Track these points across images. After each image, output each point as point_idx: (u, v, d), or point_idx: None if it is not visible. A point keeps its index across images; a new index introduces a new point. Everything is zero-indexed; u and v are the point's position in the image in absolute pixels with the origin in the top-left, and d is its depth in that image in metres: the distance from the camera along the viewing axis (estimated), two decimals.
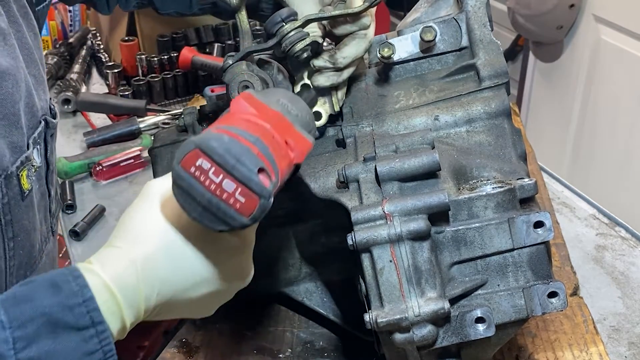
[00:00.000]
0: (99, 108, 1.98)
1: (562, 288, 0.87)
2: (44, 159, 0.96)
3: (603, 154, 2.72)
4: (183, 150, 0.67)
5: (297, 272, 1.14)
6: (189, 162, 0.67)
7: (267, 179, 0.68)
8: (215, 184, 0.66)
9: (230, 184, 0.66)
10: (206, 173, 0.66)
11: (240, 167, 0.66)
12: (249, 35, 0.96)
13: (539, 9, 2.76)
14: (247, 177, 0.66)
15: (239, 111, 0.74)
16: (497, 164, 0.95)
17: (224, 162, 0.66)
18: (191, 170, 0.67)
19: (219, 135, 0.68)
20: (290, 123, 0.76)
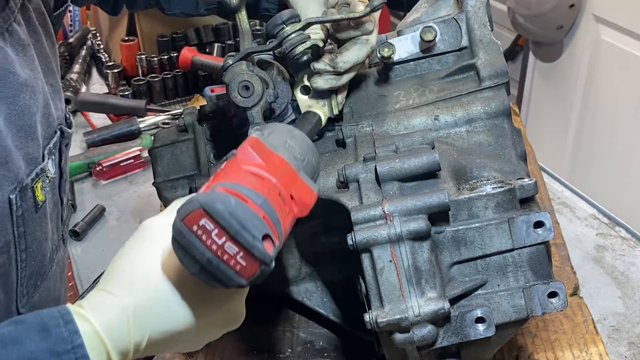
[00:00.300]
0: (99, 108, 1.99)
1: (562, 288, 0.87)
2: (58, 168, 0.96)
3: (603, 154, 2.72)
4: (187, 207, 0.66)
5: (297, 272, 1.14)
6: (191, 221, 0.66)
7: (270, 245, 0.67)
8: (217, 245, 0.65)
9: (232, 247, 0.65)
10: (209, 233, 0.65)
11: (245, 234, 0.65)
12: (249, 36, 0.96)
13: (539, 9, 2.76)
14: (250, 244, 0.65)
15: (245, 161, 0.72)
16: (497, 164, 0.95)
17: (229, 226, 0.65)
18: (193, 228, 0.66)
19: (225, 197, 0.66)
20: (296, 173, 0.75)
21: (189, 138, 1.12)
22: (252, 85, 0.92)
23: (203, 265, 0.66)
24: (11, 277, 0.88)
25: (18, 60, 0.86)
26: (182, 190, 1.11)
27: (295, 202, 0.73)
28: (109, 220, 1.55)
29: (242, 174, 0.71)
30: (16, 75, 0.85)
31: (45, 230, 0.93)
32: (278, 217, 0.69)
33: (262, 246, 0.66)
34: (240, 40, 0.97)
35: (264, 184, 0.70)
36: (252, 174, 0.71)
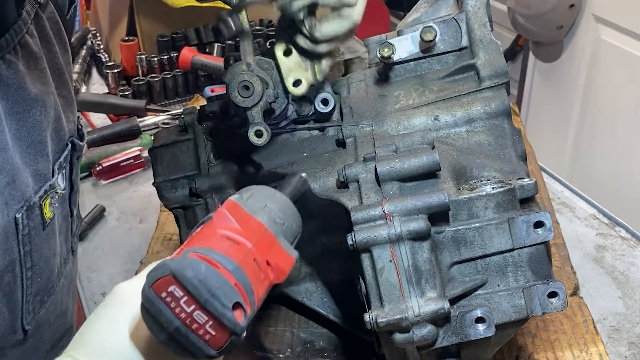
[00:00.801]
0: (99, 108, 1.99)
1: (562, 288, 0.87)
2: (68, 181, 0.94)
3: (603, 154, 2.72)
4: (156, 273, 0.65)
5: (297, 272, 1.14)
6: (160, 287, 0.64)
7: (241, 314, 0.65)
8: (186, 312, 0.63)
9: (201, 316, 0.64)
10: (178, 301, 0.64)
11: (214, 302, 0.63)
12: (249, 35, 0.96)
13: (539, 9, 2.76)
14: (220, 312, 0.63)
15: (221, 225, 0.71)
16: (497, 164, 0.95)
17: (198, 294, 0.63)
18: (162, 295, 0.64)
19: (195, 263, 0.65)
20: (274, 238, 0.73)
21: (189, 138, 1.12)
22: (252, 85, 0.92)
23: (171, 333, 0.64)
24: (16, 295, 0.87)
25: (29, 75, 0.84)
26: (182, 190, 1.11)
27: (271, 268, 0.72)
28: (109, 220, 1.55)
29: (217, 238, 0.69)
30: (26, 90, 0.83)
31: (53, 246, 0.91)
32: (251, 285, 0.67)
33: (232, 315, 0.64)
34: (240, 39, 0.97)
35: (238, 249, 0.68)
36: (227, 238, 0.69)
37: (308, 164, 0.99)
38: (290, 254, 0.75)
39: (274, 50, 0.96)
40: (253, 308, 0.68)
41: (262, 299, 0.71)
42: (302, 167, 0.99)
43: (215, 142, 1.10)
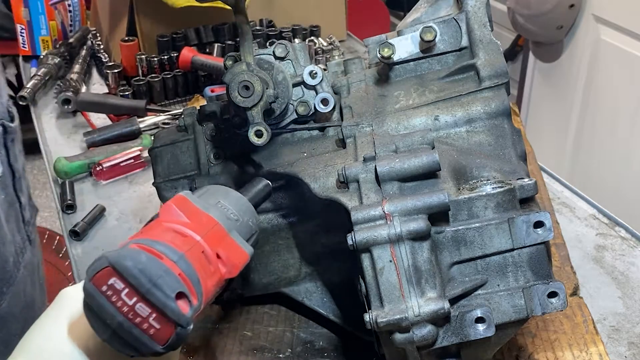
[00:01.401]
0: (99, 108, 1.99)
1: (562, 288, 0.87)
2: (7, 166, 0.92)
3: (603, 154, 2.73)
4: (95, 266, 0.62)
5: (297, 272, 1.14)
6: (100, 280, 0.61)
7: (186, 305, 0.62)
8: (128, 306, 0.61)
9: (144, 308, 0.61)
10: (119, 293, 0.61)
11: (156, 292, 0.61)
12: (249, 35, 0.96)
13: (539, 9, 2.76)
14: (162, 302, 0.61)
15: (168, 219, 0.69)
16: (497, 164, 0.95)
17: (138, 284, 0.61)
18: (103, 289, 0.61)
19: (135, 253, 0.62)
20: (226, 232, 0.71)
21: (189, 138, 1.12)
22: (252, 85, 0.92)
23: (114, 329, 0.61)
24: None
25: None
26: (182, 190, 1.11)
27: (222, 261, 0.69)
28: (109, 220, 1.55)
29: (161, 230, 0.67)
30: None
31: (1, 233, 0.90)
32: (198, 276, 0.64)
33: (176, 305, 0.61)
34: (240, 40, 0.97)
35: (185, 241, 0.66)
36: (173, 230, 0.67)
37: (308, 164, 0.99)
38: (244, 249, 0.72)
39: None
40: (200, 299, 0.65)
41: (212, 292, 0.68)
42: (302, 167, 0.99)
43: (215, 142, 1.10)
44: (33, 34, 2.34)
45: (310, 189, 0.96)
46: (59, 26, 2.38)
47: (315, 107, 1.02)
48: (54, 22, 2.35)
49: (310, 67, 1.01)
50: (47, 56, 2.17)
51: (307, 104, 1.02)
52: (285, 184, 1.08)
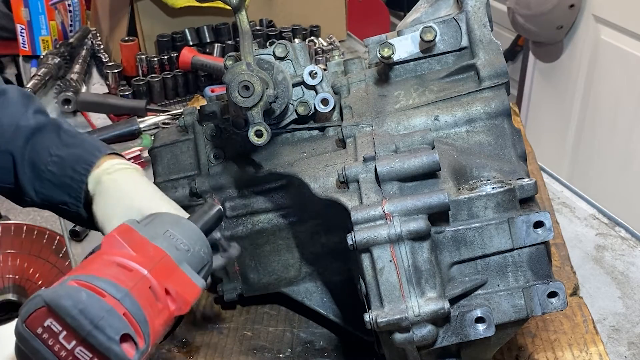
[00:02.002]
0: (99, 108, 1.99)
1: (561, 288, 0.87)
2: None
3: (603, 154, 2.72)
4: (29, 306, 0.57)
5: (297, 272, 1.14)
6: (35, 322, 0.56)
7: (132, 348, 0.58)
8: (66, 350, 0.56)
9: (84, 353, 0.56)
10: (56, 336, 0.56)
11: (98, 334, 0.56)
12: (249, 35, 0.96)
13: (539, 9, 2.76)
14: (105, 346, 0.56)
15: (111, 251, 0.63)
16: (497, 164, 0.95)
17: (79, 326, 0.56)
18: (37, 331, 0.56)
19: (74, 291, 0.57)
20: (176, 265, 0.65)
21: (189, 138, 1.12)
22: (252, 86, 0.92)
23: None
24: None
25: None
26: (183, 190, 1.11)
27: (171, 297, 0.64)
28: None
29: (103, 264, 0.62)
30: None
31: None
32: (144, 315, 0.59)
33: (121, 349, 0.56)
34: (240, 40, 0.97)
35: (130, 277, 0.61)
36: (116, 264, 0.62)
37: (308, 164, 0.99)
38: (196, 282, 0.67)
39: None
40: (147, 341, 0.59)
41: (160, 332, 0.63)
42: (302, 167, 0.99)
43: (215, 142, 1.10)
44: (33, 34, 2.34)
45: (310, 189, 0.96)
46: (59, 26, 2.38)
47: (315, 107, 1.02)
48: (54, 22, 2.35)
49: (310, 67, 1.01)
50: (47, 56, 2.17)
51: (307, 104, 1.02)
52: (285, 184, 1.08)
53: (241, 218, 1.11)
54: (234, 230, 1.11)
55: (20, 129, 0.97)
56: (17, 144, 0.96)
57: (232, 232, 1.11)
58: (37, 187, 0.96)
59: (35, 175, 0.95)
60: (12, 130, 0.96)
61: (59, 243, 2.32)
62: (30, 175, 0.95)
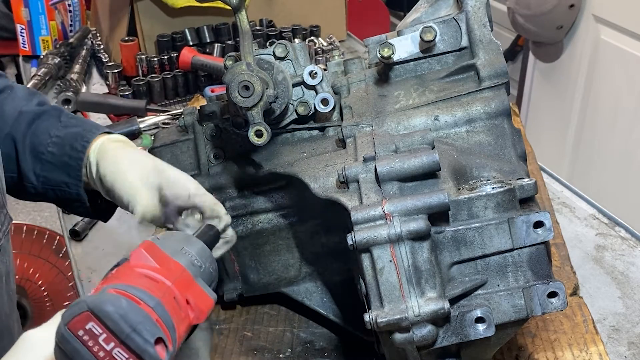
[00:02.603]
0: (99, 108, 1.98)
1: (561, 288, 0.87)
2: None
3: (603, 154, 2.73)
4: (73, 310, 0.62)
5: (297, 272, 1.14)
6: (77, 325, 0.61)
7: (163, 350, 0.63)
8: (105, 351, 0.61)
9: (122, 354, 0.61)
10: (96, 338, 0.61)
11: (136, 338, 0.61)
12: (249, 35, 0.96)
13: (539, 9, 2.76)
14: (142, 348, 0.61)
15: (139, 265, 0.69)
16: (497, 164, 0.95)
17: (119, 330, 0.61)
18: (79, 333, 0.61)
19: (115, 298, 0.63)
20: (192, 278, 0.72)
21: (189, 138, 1.12)
22: (252, 86, 0.92)
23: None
24: None
25: None
26: None
27: (191, 307, 0.70)
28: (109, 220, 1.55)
29: (135, 276, 0.68)
30: None
31: None
32: (173, 322, 0.65)
33: (155, 351, 0.62)
34: (240, 40, 0.97)
35: (158, 287, 0.67)
36: (145, 276, 0.68)
37: (308, 164, 0.99)
38: (209, 295, 0.73)
39: None
40: (174, 345, 0.65)
41: (182, 338, 0.68)
42: (302, 167, 0.99)
43: (215, 142, 1.10)
44: (33, 34, 2.34)
45: (310, 189, 0.96)
46: (59, 26, 2.38)
47: (315, 107, 1.02)
48: (54, 22, 2.35)
49: (310, 67, 1.01)
50: (47, 56, 2.17)
51: (307, 104, 1.02)
52: (285, 184, 1.08)
53: (241, 218, 1.11)
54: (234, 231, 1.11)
55: (23, 114, 0.98)
56: (20, 129, 0.97)
57: None
58: (37, 170, 0.97)
59: (36, 158, 0.96)
60: (14, 116, 0.97)
61: (59, 243, 2.32)
62: (31, 159, 0.96)
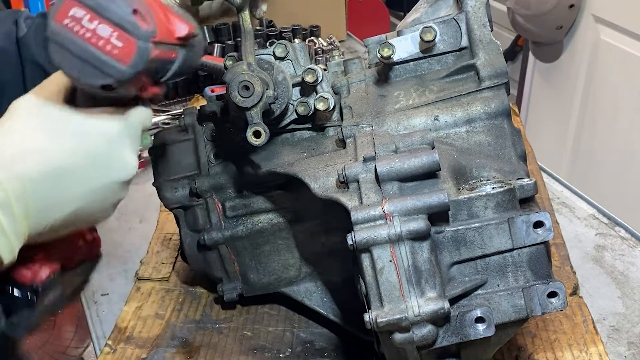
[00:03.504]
0: None
1: (561, 288, 0.87)
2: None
3: (603, 154, 2.73)
4: (55, 6, 0.67)
5: (297, 272, 1.14)
6: (62, 15, 0.67)
7: (142, 21, 0.67)
8: (90, 31, 0.66)
9: (105, 28, 0.66)
10: (80, 21, 0.66)
11: (113, 7, 0.66)
12: (251, 35, 0.96)
13: (539, 9, 2.76)
14: (120, 16, 0.66)
15: None
16: (497, 164, 0.95)
17: (96, 4, 0.66)
18: (65, 22, 0.67)
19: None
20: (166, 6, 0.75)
21: (189, 138, 1.12)
22: (252, 86, 0.92)
23: (82, 59, 0.66)
24: None
25: None
26: (183, 190, 1.11)
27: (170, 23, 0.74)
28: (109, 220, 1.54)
29: None
30: None
31: None
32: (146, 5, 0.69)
33: (134, 19, 0.66)
34: (242, 39, 0.97)
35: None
36: None
37: (308, 164, 0.99)
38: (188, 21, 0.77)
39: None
40: (154, 25, 0.69)
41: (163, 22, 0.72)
42: (302, 167, 0.99)
43: (215, 142, 1.10)
44: None
45: (310, 188, 0.96)
46: None
47: (315, 107, 1.02)
48: None
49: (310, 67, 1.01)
50: None
51: (307, 104, 1.02)
52: (285, 184, 1.08)
53: (241, 218, 1.11)
54: (234, 231, 1.11)
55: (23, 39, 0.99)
56: (32, 50, 0.98)
57: (232, 232, 1.11)
58: None
59: None
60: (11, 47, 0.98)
61: None
62: None
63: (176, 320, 1.20)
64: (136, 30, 0.67)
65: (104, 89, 0.69)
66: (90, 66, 0.67)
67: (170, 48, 0.75)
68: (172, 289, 1.28)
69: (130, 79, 0.69)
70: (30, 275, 0.75)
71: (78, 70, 0.67)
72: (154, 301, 1.25)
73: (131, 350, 1.14)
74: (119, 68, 0.67)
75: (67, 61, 0.67)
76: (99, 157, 0.74)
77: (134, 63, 0.67)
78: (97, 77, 0.67)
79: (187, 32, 0.76)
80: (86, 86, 0.69)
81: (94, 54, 0.66)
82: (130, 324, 1.19)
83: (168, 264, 1.34)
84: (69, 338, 2.22)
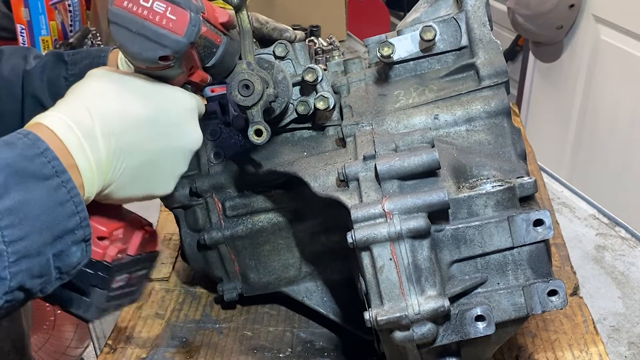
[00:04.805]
0: None
1: (561, 286, 0.87)
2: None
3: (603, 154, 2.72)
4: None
5: (297, 271, 1.14)
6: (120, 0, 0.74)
7: None
8: (147, 9, 0.73)
9: (159, 5, 0.73)
10: (137, 1, 0.73)
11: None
12: (250, 35, 0.96)
13: (539, 9, 2.76)
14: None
15: None
16: (497, 163, 0.95)
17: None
18: (124, 4, 0.74)
19: None
20: None
21: None
22: (252, 85, 0.92)
23: (141, 35, 0.73)
24: None
25: None
26: (183, 190, 1.11)
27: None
28: None
29: None
30: None
31: None
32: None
33: None
34: (240, 39, 0.97)
35: None
36: None
37: (308, 163, 0.99)
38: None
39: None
40: (201, 3, 0.77)
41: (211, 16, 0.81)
42: (302, 166, 0.99)
43: (215, 142, 1.10)
44: (33, 34, 2.34)
45: (310, 187, 0.96)
46: (59, 26, 2.38)
47: (315, 106, 1.02)
48: (54, 22, 2.35)
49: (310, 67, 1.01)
50: None
51: (307, 103, 1.02)
52: (285, 183, 1.08)
53: (241, 217, 1.11)
54: (234, 230, 1.11)
55: (29, 73, 1.03)
56: (35, 85, 1.03)
57: (232, 232, 1.11)
58: None
59: None
60: (21, 78, 1.02)
61: None
62: None
63: (176, 320, 1.20)
64: (188, 4, 0.74)
65: (162, 61, 0.74)
66: (149, 41, 0.73)
67: (216, 31, 0.82)
68: (172, 289, 1.28)
69: (185, 50, 0.75)
70: (100, 252, 0.79)
71: (139, 45, 0.73)
72: (154, 301, 1.25)
73: (131, 350, 1.14)
74: (175, 38, 0.73)
75: (127, 39, 0.74)
76: (176, 122, 0.80)
77: (188, 33, 0.74)
78: (155, 50, 0.73)
79: (228, 17, 0.84)
80: (147, 62, 0.75)
81: (152, 29, 0.73)
82: (130, 324, 1.19)
83: (168, 264, 1.33)
84: (69, 338, 2.22)
